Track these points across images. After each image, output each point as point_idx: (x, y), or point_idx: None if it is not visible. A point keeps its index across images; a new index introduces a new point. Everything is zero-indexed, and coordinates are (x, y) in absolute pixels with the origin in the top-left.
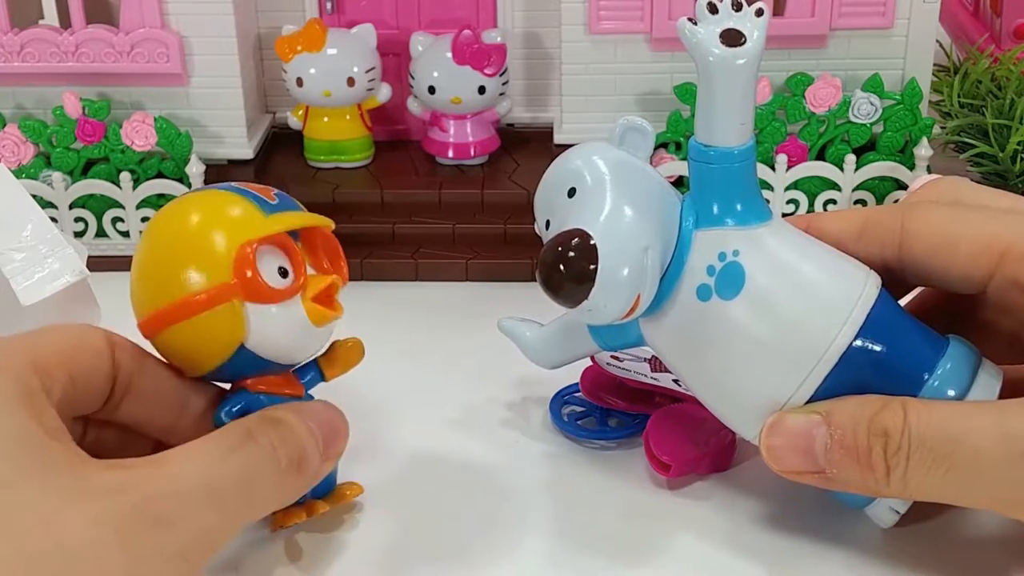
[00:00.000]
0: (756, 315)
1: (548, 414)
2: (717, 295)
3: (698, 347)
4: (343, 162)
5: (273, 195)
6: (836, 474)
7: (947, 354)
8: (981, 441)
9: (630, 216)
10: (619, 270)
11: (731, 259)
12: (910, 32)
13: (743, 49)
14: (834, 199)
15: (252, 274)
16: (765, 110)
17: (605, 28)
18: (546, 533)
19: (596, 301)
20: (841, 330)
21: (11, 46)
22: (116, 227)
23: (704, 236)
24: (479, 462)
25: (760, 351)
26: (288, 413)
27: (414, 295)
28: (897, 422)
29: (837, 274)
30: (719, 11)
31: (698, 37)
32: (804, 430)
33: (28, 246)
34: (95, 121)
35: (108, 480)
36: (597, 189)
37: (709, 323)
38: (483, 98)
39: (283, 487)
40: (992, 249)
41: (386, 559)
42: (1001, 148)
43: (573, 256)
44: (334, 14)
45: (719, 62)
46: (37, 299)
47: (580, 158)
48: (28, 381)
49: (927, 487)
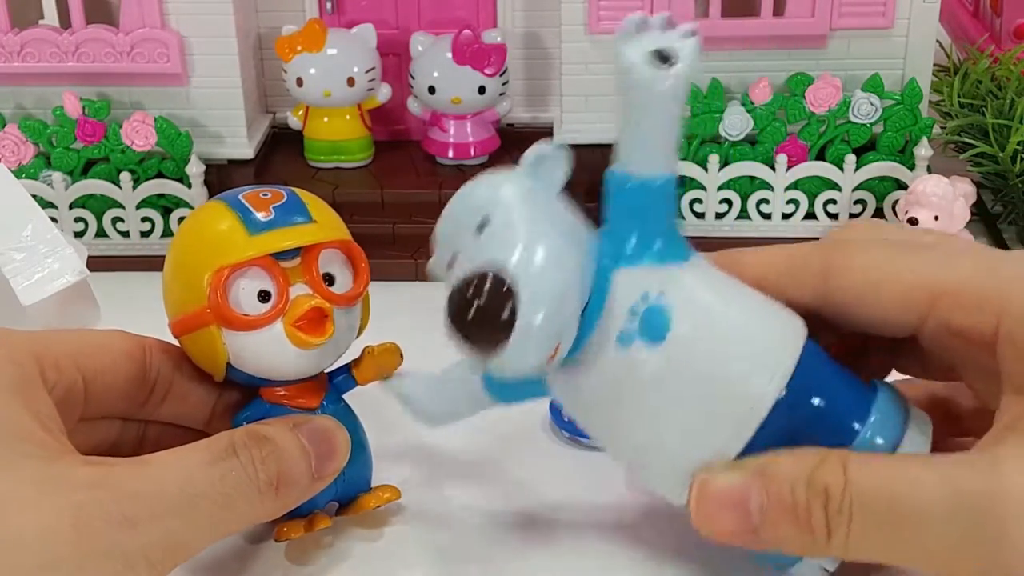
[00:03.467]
0: (683, 363)
1: (548, 414)
2: (640, 341)
3: (618, 400)
4: (343, 162)
5: (271, 209)
6: (771, 535)
7: (876, 402)
8: (926, 496)
9: (548, 254)
10: (538, 317)
11: (654, 301)
12: (910, 32)
13: (674, 69)
14: (834, 199)
15: (221, 303)
16: (765, 110)
17: (605, 28)
18: (545, 533)
19: (512, 353)
20: (772, 380)
21: (11, 46)
22: (116, 227)
23: (624, 276)
24: (479, 462)
25: (689, 402)
26: (281, 430)
27: (414, 295)
28: (838, 480)
29: (764, 320)
30: (650, 27)
31: (627, 55)
32: (738, 488)
33: (28, 246)
34: (95, 121)
35: (83, 475)
36: (511, 222)
37: (631, 373)
38: (483, 98)
39: (258, 507)
40: (923, 294)
41: (385, 559)
42: (1001, 148)
43: (487, 302)
44: (334, 14)
45: (647, 82)
46: (37, 299)
47: (490, 187)
48: (26, 368)
49: (869, 547)
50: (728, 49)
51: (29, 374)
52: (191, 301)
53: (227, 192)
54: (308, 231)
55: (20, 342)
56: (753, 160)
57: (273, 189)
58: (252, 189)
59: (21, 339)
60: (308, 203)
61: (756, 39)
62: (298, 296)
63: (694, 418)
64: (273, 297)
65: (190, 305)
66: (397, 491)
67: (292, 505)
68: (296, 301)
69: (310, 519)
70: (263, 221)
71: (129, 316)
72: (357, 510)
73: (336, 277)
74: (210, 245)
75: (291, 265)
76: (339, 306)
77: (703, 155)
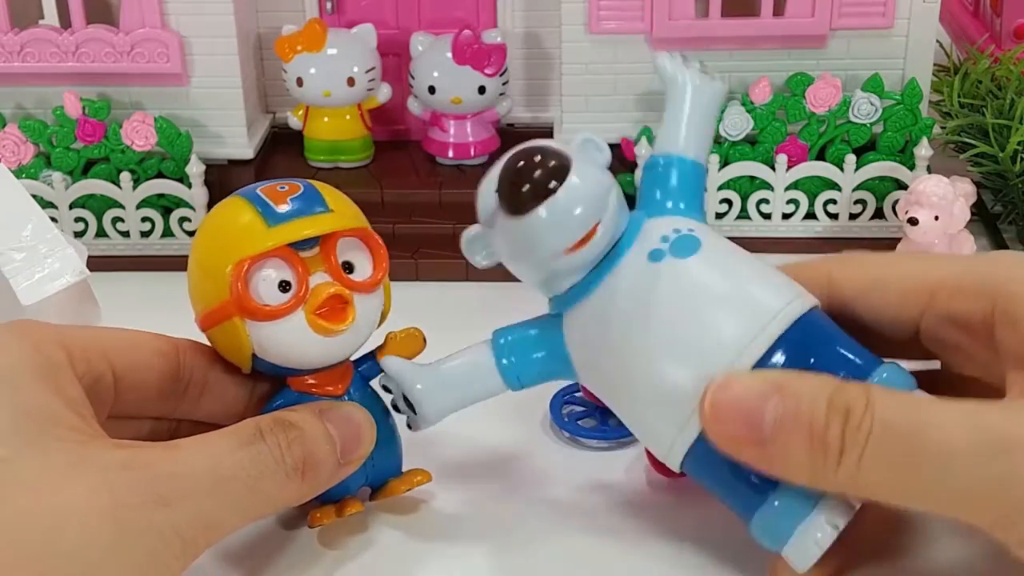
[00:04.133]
0: (709, 271)
1: (548, 414)
2: (671, 255)
3: (635, 309)
4: (343, 162)
5: (288, 200)
6: (779, 450)
7: (884, 364)
8: (951, 432)
9: (603, 169)
10: (586, 180)
11: (686, 232)
12: (910, 32)
13: (717, 82)
14: (834, 199)
15: (243, 294)
16: (765, 110)
17: (605, 28)
18: (546, 533)
19: (561, 203)
20: (788, 303)
21: (11, 46)
22: (116, 227)
23: (657, 220)
24: (478, 462)
25: (707, 305)
26: (307, 415)
27: (414, 295)
28: (860, 401)
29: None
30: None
31: (673, 70)
32: (755, 394)
33: (28, 246)
34: (95, 121)
35: (115, 456)
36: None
37: (655, 281)
38: (483, 98)
39: (286, 490)
40: (921, 288)
41: (383, 558)
42: (1001, 148)
43: (544, 155)
44: (334, 14)
45: (696, 87)
46: (37, 299)
47: (541, 141)
48: (52, 353)
49: (881, 476)
50: (728, 49)
51: (57, 361)
52: (215, 295)
53: (245, 187)
54: (326, 220)
55: (47, 332)
56: (753, 160)
57: (290, 182)
58: (270, 183)
59: (48, 329)
60: (325, 193)
61: (756, 39)
62: (318, 284)
63: (696, 342)
64: (293, 286)
65: (214, 299)
66: (428, 474)
67: (319, 489)
68: (316, 289)
69: (341, 504)
70: (281, 212)
71: (129, 316)
72: (388, 494)
73: (355, 265)
74: (230, 239)
75: (310, 255)
76: (359, 293)
77: None
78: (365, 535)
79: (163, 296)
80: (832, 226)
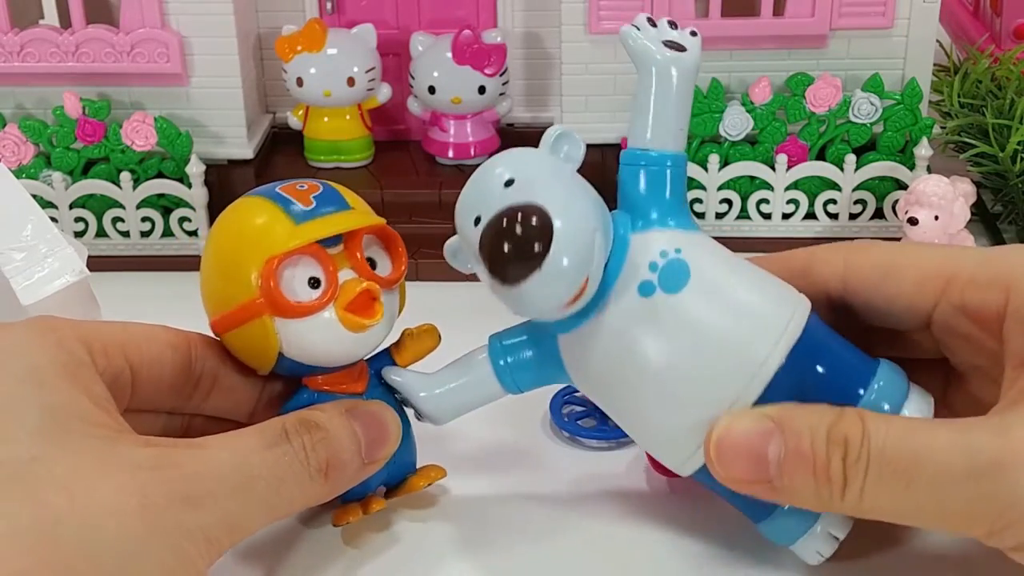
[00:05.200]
0: (698, 314)
1: (548, 414)
2: (661, 290)
3: (634, 350)
4: (343, 162)
5: (311, 199)
6: (787, 485)
7: (880, 371)
8: (943, 454)
9: (576, 199)
10: (572, 244)
11: (673, 256)
12: (910, 32)
13: (686, 54)
14: (834, 199)
15: (275, 292)
16: (765, 110)
17: (605, 28)
18: (546, 533)
19: (546, 276)
20: (776, 344)
21: (11, 46)
22: (116, 227)
23: (642, 238)
24: (478, 462)
25: (701, 353)
26: (332, 416)
27: (414, 295)
28: (856, 432)
29: (771, 289)
30: (658, 26)
31: (643, 41)
32: (757, 435)
33: (28, 246)
34: (95, 121)
35: (143, 455)
36: (538, 179)
37: (650, 319)
38: (483, 98)
39: (309, 491)
40: (938, 276)
41: (382, 558)
42: (1001, 148)
43: (524, 227)
44: (334, 14)
45: (665, 63)
46: (37, 299)
47: (514, 155)
48: (74, 350)
49: (882, 502)
50: (728, 49)
51: (80, 358)
52: (237, 295)
53: (261, 187)
54: (350, 217)
55: (67, 328)
56: (753, 160)
57: (308, 181)
58: (288, 182)
59: (67, 325)
60: (342, 192)
61: (756, 39)
62: (347, 281)
63: (705, 371)
64: (323, 283)
65: (236, 299)
66: (443, 470)
67: (341, 490)
68: (345, 286)
69: (366, 502)
70: (307, 211)
71: (129, 316)
72: (407, 491)
73: (377, 261)
74: (256, 237)
75: (335, 252)
76: (384, 289)
77: (703, 155)
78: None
79: (163, 296)
80: (832, 226)
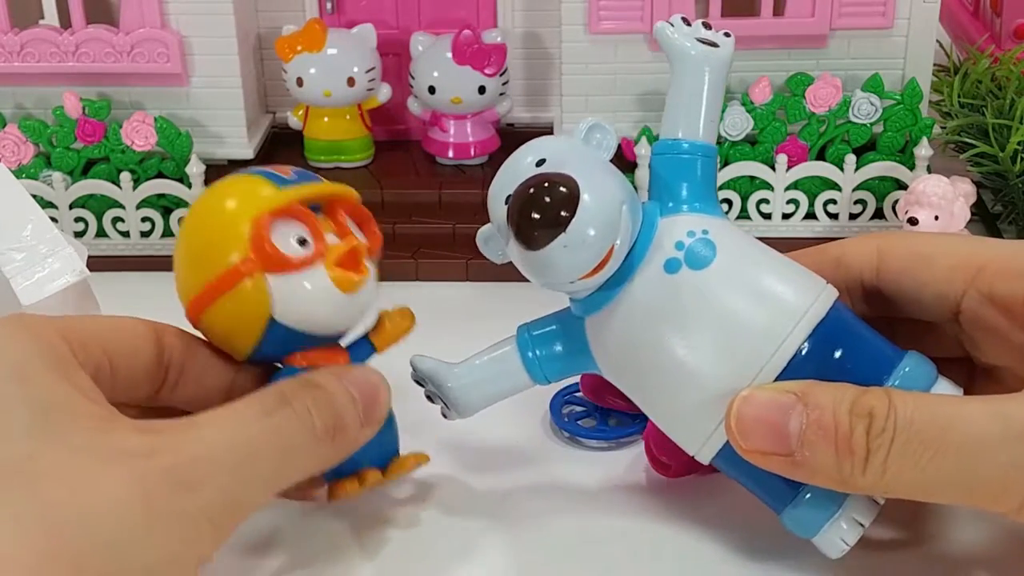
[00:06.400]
0: (729, 283)
1: (548, 414)
2: (687, 266)
3: (657, 325)
4: (343, 162)
5: (291, 172)
6: (808, 458)
7: (906, 358)
8: (974, 423)
9: (604, 176)
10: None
11: (700, 236)
12: (910, 32)
13: (719, 50)
14: (834, 199)
15: (267, 245)
16: (765, 110)
17: (605, 28)
18: (546, 533)
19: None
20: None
21: (11, 46)
22: (116, 227)
23: (670, 220)
24: (478, 461)
25: (724, 329)
26: (328, 378)
27: (414, 295)
28: (883, 404)
29: (795, 273)
30: (692, 25)
31: (678, 36)
32: (779, 407)
33: (28, 246)
34: (95, 121)
35: (137, 443)
36: (568, 159)
37: (675, 295)
38: (483, 98)
39: (317, 454)
40: (969, 265)
41: (381, 557)
42: (1001, 148)
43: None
44: (334, 14)
45: (700, 57)
46: (37, 299)
47: (546, 140)
48: (56, 346)
49: (906, 475)
50: None
51: (61, 351)
52: (224, 259)
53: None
54: (330, 185)
55: (43, 323)
56: (753, 160)
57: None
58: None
59: (42, 321)
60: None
61: (756, 39)
62: (333, 243)
63: (726, 347)
64: (311, 241)
65: (223, 264)
66: (426, 455)
67: (345, 453)
68: (332, 247)
69: (361, 475)
70: (288, 179)
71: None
72: (395, 473)
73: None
74: (244, 199)
75: (318, 218)
76: (367, 256)
77: None
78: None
79: (163, 296)
80: (832, 226)
